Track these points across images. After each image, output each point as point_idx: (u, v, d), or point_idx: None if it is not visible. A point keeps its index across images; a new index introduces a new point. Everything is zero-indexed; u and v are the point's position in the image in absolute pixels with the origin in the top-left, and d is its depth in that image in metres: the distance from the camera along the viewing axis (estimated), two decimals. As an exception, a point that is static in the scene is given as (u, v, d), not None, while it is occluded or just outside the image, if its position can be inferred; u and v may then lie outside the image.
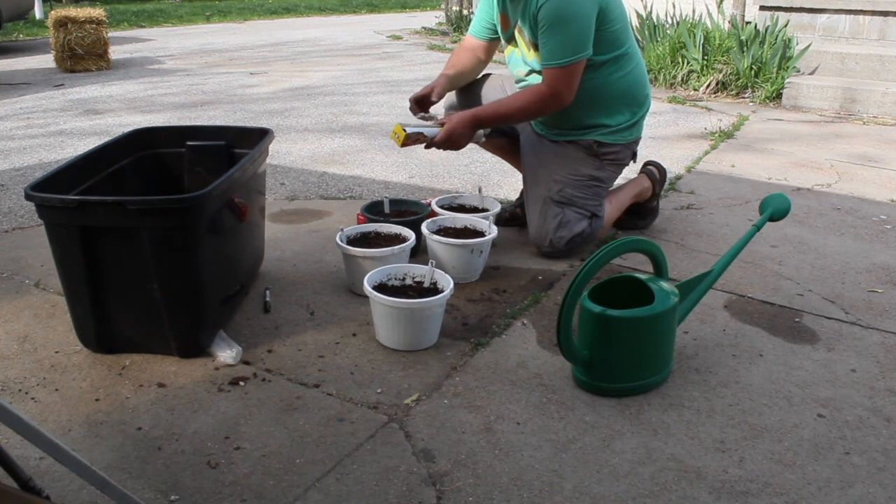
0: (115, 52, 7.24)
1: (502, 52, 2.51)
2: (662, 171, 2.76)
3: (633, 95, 2.42)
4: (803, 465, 1.49)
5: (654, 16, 5.91)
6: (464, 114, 2.33)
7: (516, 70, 2.47)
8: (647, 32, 5.83)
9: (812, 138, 4.15)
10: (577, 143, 2.44)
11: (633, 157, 2.56)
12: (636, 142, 2.52)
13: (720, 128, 4.30)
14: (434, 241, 2.24)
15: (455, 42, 8.29)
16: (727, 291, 2.24)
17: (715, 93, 5.30)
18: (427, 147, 2.38)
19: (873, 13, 5.40)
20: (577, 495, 1.39)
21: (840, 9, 5.51)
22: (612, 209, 2.55)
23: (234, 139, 2.27)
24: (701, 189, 3.21)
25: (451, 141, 2.33)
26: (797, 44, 5.24)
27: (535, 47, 2.29)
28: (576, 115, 2.38)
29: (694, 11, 5.81)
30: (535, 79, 2.37)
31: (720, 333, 2.00)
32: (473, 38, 2.58)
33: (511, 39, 2.43)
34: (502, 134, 2.64)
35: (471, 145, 2.45)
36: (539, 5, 2.19)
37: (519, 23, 2.33)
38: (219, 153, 2.26)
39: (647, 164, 2.75)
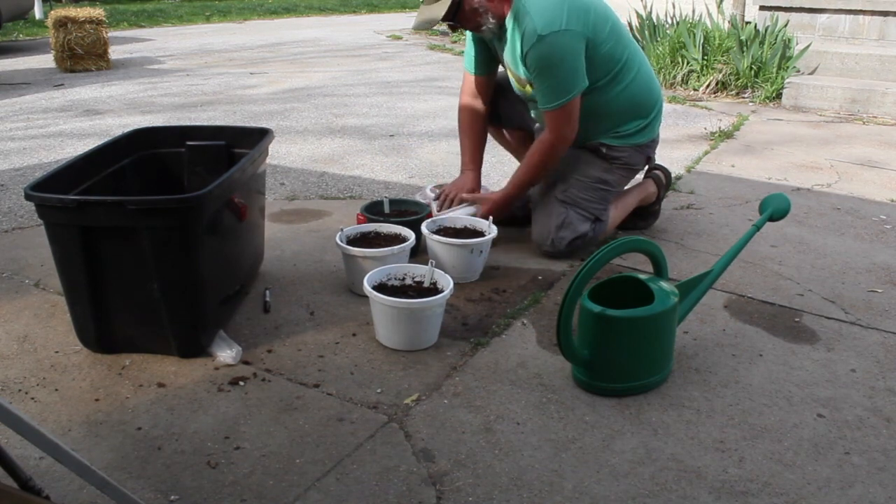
0: (115, 52, 7.24)
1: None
2: (668, 175, 2.76)
3: (638, 104, 2.41)
4: (803, 465, 1.49)
5: (654, 16, 5.91)
6: (497, 201, 2.44)
7: (518, 94, 2.51)
8: (647, 32, 5.83)
9: (812, 138, 4.15)
10: (585, 146, 2.45)
11: (648, 161, 2.55)
12: (649, 146, 2.51)
13: (720, 128, 4.30)
14: (434, 241, 2.24)
15: (455, 42, 8.29)
16: (727, 291, 2.24)
17: (715, 93, 5.30)
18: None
19: (873, 13, 5.40)
20: (577, 495, 1.39)
21: (840, 9, 5.51)
22: (616, 213, 2.55)
23: (233, 139, 2.27)
24: (701, 189, 3.21)
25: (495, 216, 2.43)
26: (797, 44, 5.25)
27: (531, 84, 2.32)
28: (583, 133, 2.38)
29: (694, 11, 5.81)
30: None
31: (720, 333, 2.00)
32: (471, 74, 2.56)
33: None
34: (518, 127, 2.65)
35: None
36: (525, 52, 2.21)
37: (508, 62, 2.36)
38: (219, 153, 2.26)
39: (652, 168, 2.74)
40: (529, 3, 2.18)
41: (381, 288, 1.94)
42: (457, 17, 2.27)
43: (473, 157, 2.59)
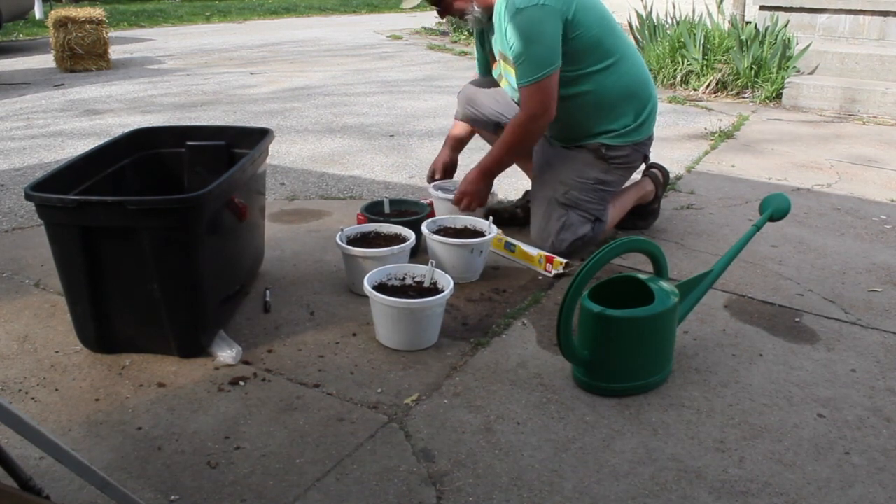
0: (115, 52, 7.24)
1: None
2: (665, 173, 2.76)
3: (634, 95, 2.41)
4: (803, 465, 1.49)
5: (654, 16, 5.91)
6: (470, 172, 2.46)
7: (507, 92, 2.54)
8: (647, 32, 5.83)
9: (812, 138, 4.15)
10: (586, 148, 2.45)
11: (645, 159, 2.56)
12: (646, 143, 2.51)
13: (720, 128, 4.30)
14: (434, 241, 2.24)
15: (455, 42, 8.29)
16: (727, 291, 2.24)
17: (715, 93, 5.30)
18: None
19: (873, 13, 5.40)
20: (577, 495, 1.39)
21: (840, 9, 5.51)
22: (615, 212, 2.55)
23: (234, 139, 2.27)
24: (701, 189, 3.21)
25: (469, 196, 2.44)
26: (797, 44, 5.24)
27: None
28: (582, 126, 2.38)
29: (694, 11, 5.80)
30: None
31: (720, 333, 2.00)
32: (478, 75, 2.73)
33: (500, 76, 2.50)
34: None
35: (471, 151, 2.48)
36: (505, 28, 2.24)
37: (497, 48, 2.40)
38: (219, 153, 2.26)
39: (650, 166, 2.74)
40: None
41: (381, 288, 1.95)
42: (442, 3, 2.39)
43: (455, 137, 2.79)
